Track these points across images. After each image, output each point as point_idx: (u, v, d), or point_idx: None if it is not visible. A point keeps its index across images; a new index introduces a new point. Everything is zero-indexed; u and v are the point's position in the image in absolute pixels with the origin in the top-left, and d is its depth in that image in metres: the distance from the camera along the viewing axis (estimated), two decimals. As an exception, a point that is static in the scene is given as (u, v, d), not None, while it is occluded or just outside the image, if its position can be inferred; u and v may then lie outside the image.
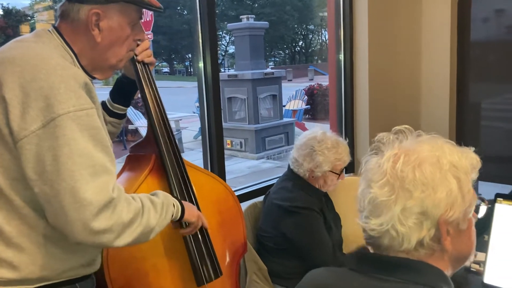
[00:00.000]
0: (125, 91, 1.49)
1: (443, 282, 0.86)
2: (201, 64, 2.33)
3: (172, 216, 1.26)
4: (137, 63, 1.41)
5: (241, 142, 9.17)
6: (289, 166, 2.16)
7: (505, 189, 2.58)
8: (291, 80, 24.43)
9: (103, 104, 1.47)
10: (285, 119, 10.07)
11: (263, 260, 2.10)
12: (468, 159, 0.90)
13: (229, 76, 9.58)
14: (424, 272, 0.86)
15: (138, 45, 1.35)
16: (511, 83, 3.33)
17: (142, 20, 1.29)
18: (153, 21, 11.21)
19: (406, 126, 0.97)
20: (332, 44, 3.30)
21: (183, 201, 1.34)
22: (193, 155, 8.65)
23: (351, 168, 3.09)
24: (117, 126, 1.52)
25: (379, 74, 3.18)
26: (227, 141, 9.34)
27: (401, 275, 0.86)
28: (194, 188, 1.49)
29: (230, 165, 8.53)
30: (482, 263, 1.38)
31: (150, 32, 11.35)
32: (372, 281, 0.88)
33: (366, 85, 3.16)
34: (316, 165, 2.03)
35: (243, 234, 1.75)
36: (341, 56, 3.21)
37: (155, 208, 1.19)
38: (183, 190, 1.46)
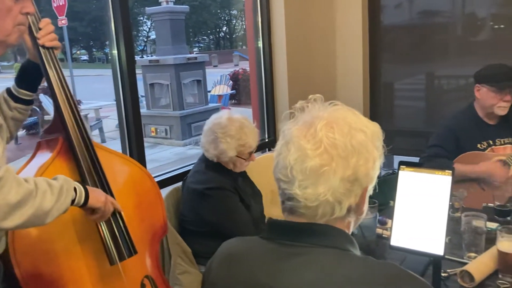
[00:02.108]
0: (30, 76, 1.46)
1: (348, 243, 0.90)
2: (115, 51, 2.27)
3: (74, 201, 1.23)
4: (40, 47, 1.40)
5: (166, 129, 9.01)
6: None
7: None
8: (216, 66, 24.30)
9: (8, 90, 1.44)
10: (211, 105, 10.03)
11: (187, 243, 2.10)
12: (380, 131, 0.95)
13: (150, 61, 9.34)
14: (331, 235, 0.89)
15: (37, 22, 1.29)
16: (421, 65, 3.55)
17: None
18: (66, 6, 10.62)
19: (319, 95, 0.99)
20: (251, 30, 3.33)
21: (88, 187, 1.31)
22: (115, 144, 8.36)
23: (273, 146, 3.17)
24: (23, 112, 1.47)
25: (297, 60, 3.26)
26: (151, 128, 9.12)
27: (309, 239, 0.88)
28: (106, 170, 1.47)
29: (156, 153, 8.37)
30: (389, 228, 1.48)
31: (64, 17, 10.74)
32: (280, 247, 0.90)
33: (285, 70, 3.23)
34: (221, 152, 2.05)
35: (163, 215, 1.74)
36: (260, 43, 3.26)
37: (52, 191, 1.16)
38: (93, 172, 1.44)
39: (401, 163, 1.42)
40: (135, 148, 2.36)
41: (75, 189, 1.24)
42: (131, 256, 1.50)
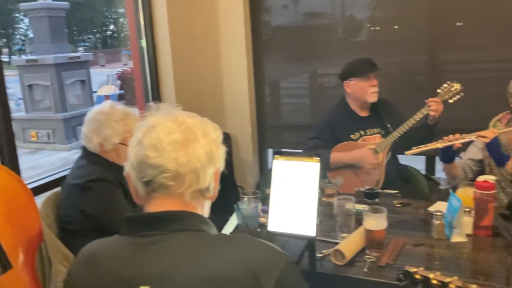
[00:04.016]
0: None
1: (203, 224, 0.97)
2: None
3: None
4: None
5: (48, 133, 8.41)
6: (83, 145, 2.09)
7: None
8: (104, 66, 23.25)
9: None
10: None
11: (69, 246, 1.99)
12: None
13: (27, 61, 8.64)
14: (185, 219, 0.95)
15: None
16: (306, 64, 3.75)
17: None
18: None
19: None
20: (133, 30, 3.26)
21: None
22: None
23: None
24: None
25: (182, 59, 3.26)
26: (31, 133, 8.45)
27: (164, 226, 0.93)
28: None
29: (38, 159, 7.79)
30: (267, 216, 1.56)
31: None
32: (138, 239, 0.93)
33: (170, 70, 3.21)
34: (105, 138, 2.01)
35: (37, 223, 1.64)
36: (143, 42, 3.21)
37: None
38: None
39: (275, 153, 1.50)
40: (6, 154, 2.20)
41: None
42: (6, 272, 1.40)
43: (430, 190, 2.80)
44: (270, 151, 3.87)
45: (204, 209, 1.03)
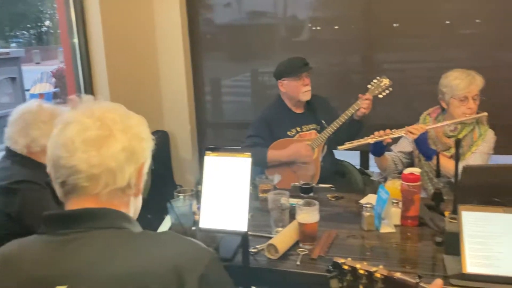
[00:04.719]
0: None
1: (125, 222, 0.95)
2: None
3: None
4: None
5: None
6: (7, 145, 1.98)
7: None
8: (39, 63, 22.17)
9: None
10: (31, 105, 9.10)
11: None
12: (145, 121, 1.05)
13: (-51, 57, 8.09)
14: (106, 216, 0.93)
15: None
16: (249, 63, 3.77)
17: None
18: None
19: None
20: (64, 26, 3.13)
21: None
22: None
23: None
24: None
25: (117, 57, 3.17)
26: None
27: (83, 224, 0.90)
28: None
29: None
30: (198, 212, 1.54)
31: None
32: (56, 237, 0.90)
33: (104, 68, 3.11)
34: (32, 140, 1.91)
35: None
36: (76, 39, 3.09)
37: None
38: None
39: (207, 149, 1.49)
40: None
41: None
42: None
43: (364, 184, 2.90)
44: (211, 149, 3.84)
45: (130, 207, 1.00)
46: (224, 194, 1.44)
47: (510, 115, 3.05)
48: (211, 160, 1.47)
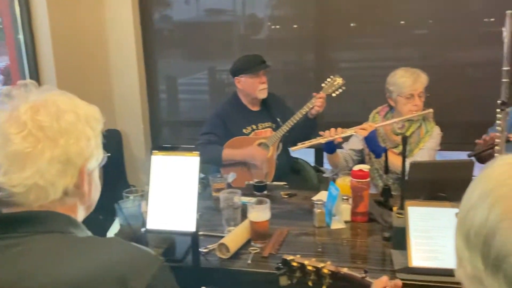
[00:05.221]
0: None
1: (71, 226, 0.89)
2: None
3: None
4: None
5: None
6: None
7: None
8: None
9: None
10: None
11: None
12: (97, 113, 0.96)
13: None
14: (49, 220, 0.87)
15: None
16: (207, 60, 3.73)
17: None
18: None
19: (32, 80, 0.96)
20: (8, 21, 3.00)
21: None
22: None
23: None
24: None
25: (66, 55, 3.07)
26: None
27: (25, 228, 0.84)
28: None
29: None
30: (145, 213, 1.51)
31: None
32: None
33: (52, 65, 3.01)
34: None
35: None
36: (21, 36, 2.98)
37: None
38: None
39: (153, 148, 1.45)
40: None
41: None
42: None
43: (319, 181, 2.93)
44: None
45: (77, 209, 0.93)
46: (172, 194, 1.42)
47: (456, 112, 3.18)
48: (159, 160, 1.44)
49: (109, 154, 1.02)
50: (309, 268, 1.29)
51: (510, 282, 0.60)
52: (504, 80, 1.66)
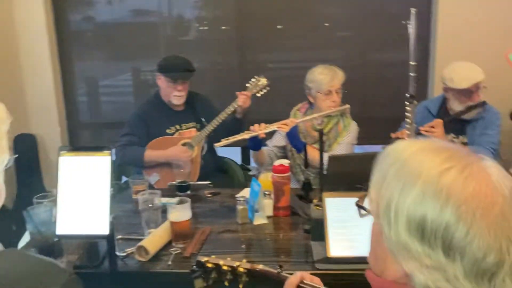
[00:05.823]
0: None
1: None
2: None
3: None
4: None
5: None
6: None
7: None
8: None
9: None
10: None
11: None
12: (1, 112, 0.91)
13: None
14: None
15: None
16: (131, 62, 3.62)
17: None
18: None
19: None
20: None
21: None
22: None
23: None
24: None
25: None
26: None
27: None
28: None
29: None
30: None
31: None
32: None
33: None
34: None
35: None
36: None
37: None
38: None
39: (61, 148, 1.37)
40: None
41: None
42: None
43: (246, 179, 2.93)
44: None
45: None
46: (83, 196, 1.34)
47: (373, 108, 3.33)
48: (67, 161, 1.36)
49: (16, 155, 0.94)
50: (225, 268, 1.27)
51: (473, 263, 0.61)
52: (411, 74, 1.75)
